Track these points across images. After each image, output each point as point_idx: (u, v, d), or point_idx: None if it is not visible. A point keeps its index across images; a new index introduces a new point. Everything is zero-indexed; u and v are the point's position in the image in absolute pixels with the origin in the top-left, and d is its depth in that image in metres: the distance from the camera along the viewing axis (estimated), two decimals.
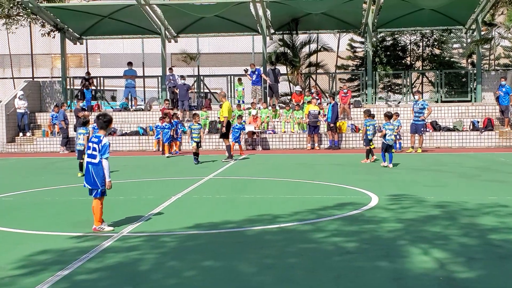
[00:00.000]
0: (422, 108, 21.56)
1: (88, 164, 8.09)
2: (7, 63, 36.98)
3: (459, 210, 9.18)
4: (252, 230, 8.00)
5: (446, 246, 6.82)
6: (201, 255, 6.66)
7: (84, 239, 7.59)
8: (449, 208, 9.37)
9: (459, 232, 7.57)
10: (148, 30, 28.76)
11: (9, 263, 6.41)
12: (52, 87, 29.28)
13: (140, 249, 6.96)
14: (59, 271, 6.01)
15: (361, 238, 7.38)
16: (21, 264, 6.37)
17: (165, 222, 8.69)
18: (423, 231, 7.70)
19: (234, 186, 12.92)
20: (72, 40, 29.63)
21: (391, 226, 8.07)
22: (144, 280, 5.74)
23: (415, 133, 21.66)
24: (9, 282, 5.70)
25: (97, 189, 8.05)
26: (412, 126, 21.76)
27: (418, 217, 8.69)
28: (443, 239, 7.19)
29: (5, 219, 9.21)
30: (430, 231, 7.69)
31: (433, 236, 7.39)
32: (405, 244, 6.96)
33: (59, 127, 24.84)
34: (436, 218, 8.60)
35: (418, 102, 21.86)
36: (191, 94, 28.38)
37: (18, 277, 5.87)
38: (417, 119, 21.50)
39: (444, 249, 6.67)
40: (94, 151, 8.07)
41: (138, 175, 15.45)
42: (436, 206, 9.60)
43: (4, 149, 25.72)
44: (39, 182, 14.12)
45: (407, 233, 7.58)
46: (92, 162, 8.04)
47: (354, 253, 6.65)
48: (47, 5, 27.14)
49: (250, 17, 26.98)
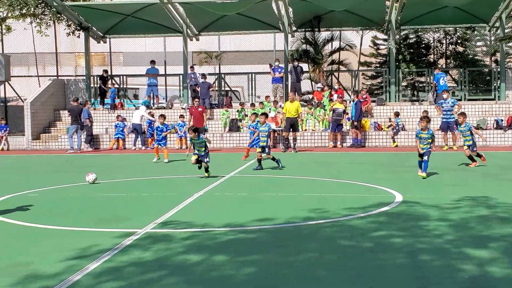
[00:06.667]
0: (452, 106, 21.78)
1: None
2: (32, 62, 37.44)
3: (485, 208, 9.11)
4: (274, 228, 8.04)
5: (470, 245, 6.78)
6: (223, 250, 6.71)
7: (110, 235, 7.68)
8: (475, 207, 9.30)
9: (491, 232, 7.52)
10: (170, 28, 28.92)
11: (36, 258, 6.52)
12: (76, 85, 29.61)
13: (165, 244, 7.03)
14: (87, 265, 6.10)
15: (385, 236, 7.37)
16: (47, 259, 6.47)
17: (188, 218, 8.74)
18: (449, 229, 7.67)
19: (256, 184, 12.96)
20: (96, 39, 29.92)
21: (415, 224, 8.04)
22: (186, 272, 5.81)
23: (447, 131, 21.80)
24: (37, 277, 5.80)
25: None
26: (443, 124, 21.84)
27: (443, 215, 8.64)
28: (470, 238, 7.15)
29: (31, 215, 9.37)
30: (455, 229, 7.66)
31: (461, 234, 7.35)
32: (431, 243, 6.93)
33: (84, 125, 25.11)
34: (465, 217, 8.55)
35: (447, 101, 22.03)
36: (212, 92, 28.50)
37: (46, 271, 5.97)
38: (448, 116, 21.62)
39: (468, 248, 6.64)
40: None
41: (159, 173, 15.55)
42: (459, 205, 9.53)
43: (29, 146, 26.08)
44: (63, 179, 14.29)
45: (432, 232, 7.55)
46: None
47: (376, 251, 6.64)
48: (72, 4, 27.45)
49: (272, 14, 26.97)
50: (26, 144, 26.22)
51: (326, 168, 16.25)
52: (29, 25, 29.35)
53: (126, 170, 16.72)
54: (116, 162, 19.94)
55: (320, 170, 15.51)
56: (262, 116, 16.65)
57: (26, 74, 37.52)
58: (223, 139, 25.04)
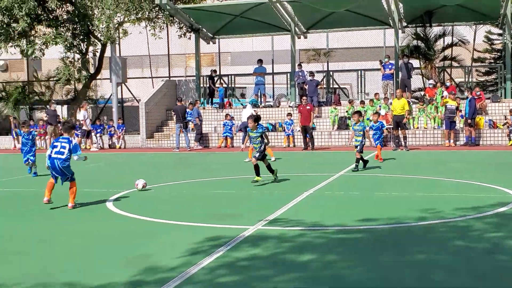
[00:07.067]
0: None
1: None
2: (146, 64, 39.01)
3: None
4: (387, 228, 7.86)
5: None
6: (335, 249, 6.64)
7: (223, 231, 7.82)
8: None
9: None
10: (278, 27, 29.09)
11: (154, 252, 6.76)
12: (187, 86, 30.52)
13: (276, 242, 7.05)
14: (202, 260, 6.24)
15: (503, 237, 7.00)
16: (165, 252, 6.69)
17: (298, 217, 8.73)
18: None
19: (367, 183, 12.74)
20: (206, 40, 30.67)
21: None
22: (298, 269, 5.81)
23: None
24: (156, 269, 6.00)
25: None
26: None
27: None
28: None
29: (148, 210, 9.72)
30: None
31: None
32: None
33: (193, 124, 25.82)
34: None
35: None
36: (320, 90, 28.39)
37: (164, 264, 6.17)
38: None
39: None
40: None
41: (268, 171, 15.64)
42: None
43: (143, 145, 27.19)
44: (175, 176, 14.74)
45: None
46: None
47: (495, 253, 6.32)
48: (184, 7, 28.32)
49: (382, 10, 26.47)
50: (141, 143, 27.36)
51: (439, 167, 15.71)
52: (144, 29, 30.57)
53: (234, 168, 16.98)
54: (224, 160, 20.32)
55: (433, 169, 15.02)
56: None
57: (141, 75, 39.11)
58: (331, 137, 24.87)
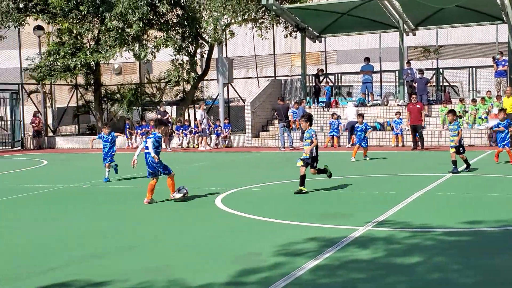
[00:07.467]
0: None
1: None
2: (251, 64, 39.57)
3: None
4: (501, 231, 7.56)
5: None
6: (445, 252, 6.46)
7: (331, 231, 7.83)
8: None
9: None
10: (385, 24, 28.56)
11: (263, 250, 6.88)
12: (292, 85, 30.68)
13: (385, 243, 6.97)
14: (308, 260, 6.29)
15: None
16: (272, 251, 6.79)
17: (408, 218, 8.58)
18: None
19: (480, 184, 12.27)
20: (312, 39, 30.67)
21: None
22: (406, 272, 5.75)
23: None
24: (265, 269, 6.11)
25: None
26: None
27: None
28: None
29: (256, 208, 9.89)
30: None
31: None
32: None
33: (299, 123, 25.90)
34: None
35: None
36: (430, 88, 27.59)
37: (269, 263, 6.27)
38: None
39: None
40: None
41: (376, 170, 15.45)
42: None
43: (249, 144, 27.63)
44: (282, 175, 14.80)
45: None
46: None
47: None
48: (290, 6, 28.47)
49: (494, 5, 25.32)
50: (247, 142, 27.81)
51: None
52: (250, 30, 31.04)
53: (341, 167, 16.85)
54: (331, 159, 20.21)
55: None
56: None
57: (246, 76, 39.71)
58: (442, 136, 24.09)
